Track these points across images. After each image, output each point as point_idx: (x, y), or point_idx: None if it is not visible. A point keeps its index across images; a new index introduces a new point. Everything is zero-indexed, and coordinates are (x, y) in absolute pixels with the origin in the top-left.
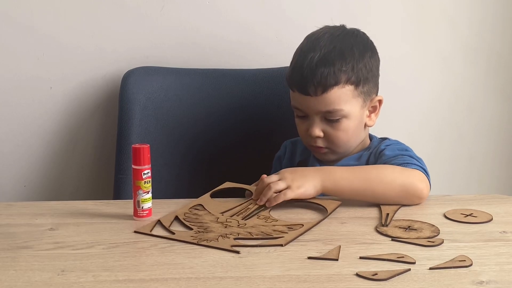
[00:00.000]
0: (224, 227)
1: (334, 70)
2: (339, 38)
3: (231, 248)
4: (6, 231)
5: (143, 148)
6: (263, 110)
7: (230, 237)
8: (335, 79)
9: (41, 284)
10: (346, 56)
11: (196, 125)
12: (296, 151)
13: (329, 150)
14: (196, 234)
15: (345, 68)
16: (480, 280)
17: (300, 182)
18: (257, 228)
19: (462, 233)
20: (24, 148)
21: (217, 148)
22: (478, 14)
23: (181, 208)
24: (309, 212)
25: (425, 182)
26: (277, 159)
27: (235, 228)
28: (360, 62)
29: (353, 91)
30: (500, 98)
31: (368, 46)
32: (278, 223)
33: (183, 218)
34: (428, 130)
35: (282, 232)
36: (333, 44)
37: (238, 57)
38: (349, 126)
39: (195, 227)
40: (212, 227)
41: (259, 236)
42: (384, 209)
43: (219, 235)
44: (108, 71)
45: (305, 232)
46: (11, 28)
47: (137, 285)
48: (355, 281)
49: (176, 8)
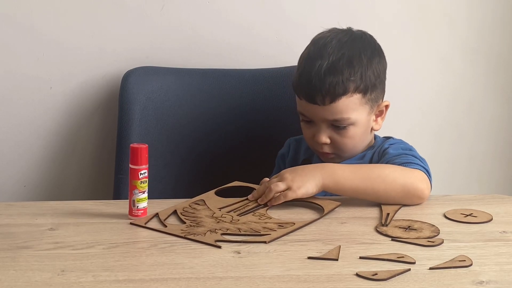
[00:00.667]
0: (217, 222)
1: (342, 79)
2: (347, 44)
3: (213, 243)
4: (6, 231)
5: (141, 148)
6: (263, 110)
7: (218, 232)
8: (343, 88)
9: (41, 284)
10: (354, 64)
11: (196, 125)
12: (300, 149)
13: (336, 155)
14: (186, 228)
15: (354, 77)
16: (480, 280)
17: (300, 182)
18: (248, 225)
19: (462, 233)
20: (24, 148)
21: (217, 148)
22: (478, 14)
23: (184, 202)
24: (308, 212)
25: (426, 183)
26: (281, 156)
27: (227, 224)
28: (368, 69)
29: (361, 99)
30: (500, 98)
31: (376, 51)
32: (270, 220)
33: (180, 213)
34: (428, 130)
35: (271, 229)
36: (341, 51)
37: (238, 57)
38: (356, 133)
39: (188, 221)
40: (205, 222)
41: (247, 232)
42: (384, 208)
43: (208, 230)
44: (108, 71)
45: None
46: (11, 28)
47: (137, 285)
48: (355, 281)
49: (176, 8)
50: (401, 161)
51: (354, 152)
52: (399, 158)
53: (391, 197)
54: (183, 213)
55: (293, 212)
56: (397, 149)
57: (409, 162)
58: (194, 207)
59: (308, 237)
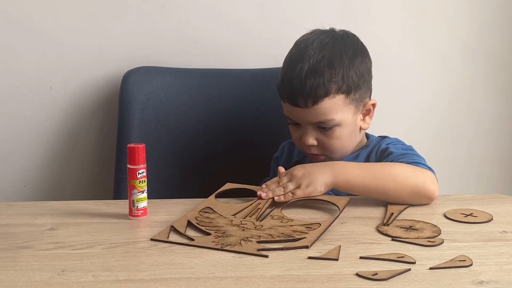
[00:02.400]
0: (242, 230)
1: (323, 81)
2: (328, 45)
3: (258, 253)
4: (6, 231)
5: (138, 148)
6: (262, 110)
7: (253, 241)
8: (325, 90)
9: (41, 284)
10: (335, 65)
11: (196, 125)
12: (293, 151)
13: (325, 156)
14: (216, 239)
15: (335, 78)
16: (480, 280)
17: (309, 180)
18: (276, 230)
19: (462, 233)
20: (24, 148)
21: (217, 147)
22: (477, 14)
23: (191, 212)
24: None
25: (436, 184)
26: (275, 160)
27: (254, 231)
28: (350, 69)
29: (344, 99)
30: (499, 97)
31: (358, 50)
32: (294, 223)
33: (196, 223)
34: (427, 129)
35: (302, 232)
36: (322, 53)
37: (238, 57)
38: (342, 133)
39: (212, 232)
40: (230, 231)
41: (280, 238)
42: (390, 208)
43: (241, 239)
44: (108, 71)
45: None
46: (11, 28)
47: (137, 285)
48: (355, 281)
49: (176, 8)
50: (407, 160)
51: (344, 152)
52: (405, 158)
53: (400, 196)
54: (199, 223)
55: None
56: (398, 148)
57: (416, 162)
58: (206, 215)
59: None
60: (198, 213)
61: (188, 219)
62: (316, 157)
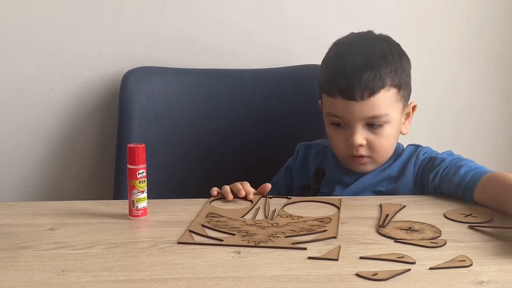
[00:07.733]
0: (262, 229)
1: (380, 73)
2: (374, 42)
3: (296, 246)
4: (6, 231)
5: (138, 148)
6: (262, 110)
7: (281, 236)
8: (382, 81)
9: (41, 284)
10: (389, 59)
11: (196, 125)
12: (309, 156)
13: (371, 159)
14: (245, 238)
15: (390, 71)
16: (480, 280)
17: None
18: (294, 226)
19: (462, 233)
20: (24, 148)
21: (217, 147)
22: (477, 14)
23: (196, 218)
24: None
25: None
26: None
27: (274, 228)
28: (400, 66)
29: (396, 94)
30: (499, 98)
31: (402, 51)
32: (306, 219)
33: (212, 225)
34: (427, 129)
35: (320, 226)
36: (371, 48)
37: (238, 57)
38: (391, 133)
39: (235, 232)
40: (252, 230)
41: (303, 232)
42: (384, 209)
43: (268, 236)
44: (108, 71)
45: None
46: (11, 28)
47: (137, 285)
48: (355, 281)
49: (176, 8)
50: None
51: (387, 157)
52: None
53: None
54: (215, 226)
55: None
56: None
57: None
58: (216, 220)
59: (308, 237)
60: (206, 218)
61: (201, 223)
62: (360, 159)
